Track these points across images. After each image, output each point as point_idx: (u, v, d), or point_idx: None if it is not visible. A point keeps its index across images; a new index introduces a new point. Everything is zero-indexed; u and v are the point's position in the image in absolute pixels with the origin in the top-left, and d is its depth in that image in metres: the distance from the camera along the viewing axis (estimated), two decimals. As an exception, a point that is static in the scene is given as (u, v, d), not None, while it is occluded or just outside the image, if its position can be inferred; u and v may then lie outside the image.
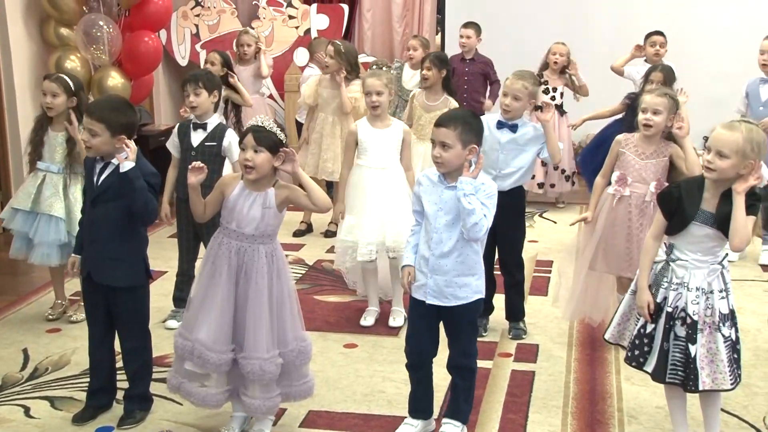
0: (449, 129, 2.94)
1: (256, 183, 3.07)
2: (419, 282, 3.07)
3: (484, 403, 3.49)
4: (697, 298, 2.85)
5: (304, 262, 5.45)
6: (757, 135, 2.77)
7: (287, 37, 8.01)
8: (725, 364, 2.83)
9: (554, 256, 5.50)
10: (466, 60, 6.80)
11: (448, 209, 2.99)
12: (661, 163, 3.76)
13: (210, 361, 3.03)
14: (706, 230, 2.86)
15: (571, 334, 4.24)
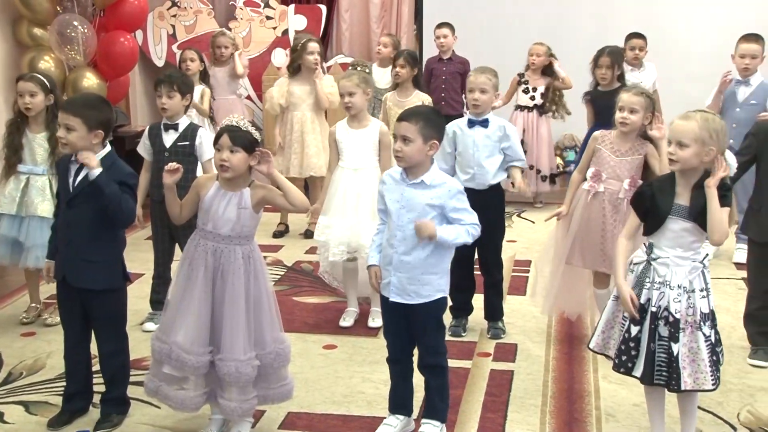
0: (410, 123, 2.96)
1: (231, 183, 3.06)
2: (385, 280, 3.09)
3: (464, 403, 3.50)
4: (678, 296, 2.87)
5: (282, 263, 5.44)
6: (713, 123, 2.84)
7: (265, 38, 7.98)
8: (706, 364, 2.85)
9: (533, 255, 5.52)
10: (443, 60, 6.82)
11: (411, 207, 3.00)
12: (636, 161, 3.80)
13: (188, 363, 3.01)
14: (682, 224, 2.88)
15: (549, 333, 4.26)
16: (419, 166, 3.01)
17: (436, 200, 2.99)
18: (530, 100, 6.70)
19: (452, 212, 3.01)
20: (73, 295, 3.23)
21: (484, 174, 4.03)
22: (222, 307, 3.04)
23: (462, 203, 3.03)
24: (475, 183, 4.01)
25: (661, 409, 3.08)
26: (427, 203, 2.99)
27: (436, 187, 3.01)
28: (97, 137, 3.14)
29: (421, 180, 3.01)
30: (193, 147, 4.16)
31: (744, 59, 5.16)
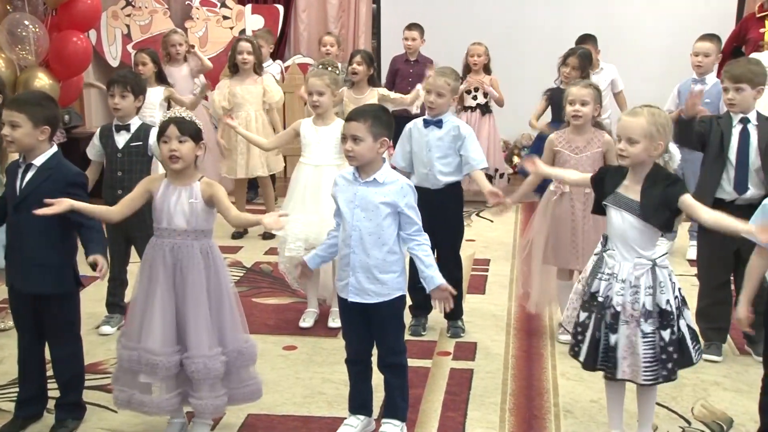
0: (359, 122, 2.97)
1: (180, 178, 3.04)
2: (342, 281, 3.08)
3: (424, 402, 3.51)
4: (622, 290, 2.92)
5: (242, 264, 5.40)
6: (659, 117, 2.90)
7: (222, 38, 7.91)
8: (641, 359, 2.89)
9: (492, 254, 5.57)
10: (410, 61, 6.85)
11: (365, 205, 3.00)
12: (596, 154, 3.90)
13: (159, 365, 2.98)
14: (627, 217, 2.92)
15: (508, 331, 4.29)
16: (371, 164, 3.01)
17: (389, 197, 3.00)
18: (473, 99, 6.74)
19: (406, 209, 3.02)
20: (24, 300, 3.16)
21: (437, 174, 4.05)
22: (184, 303, 3.01)
23: (414, 200, 3.04)
24: (429, 183, 4.03)
25: (620, 405, 3.12)
26: (381, 201, 3.00)
27: (389, 184, 3.01)
28: (44, 133, 3.09)
29: (373, 178, 3.01)
30: (147, 147, 4.11)
31: (697, 57, 5.28)
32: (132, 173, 4.01)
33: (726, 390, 3.62)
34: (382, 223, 3.01)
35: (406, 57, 6.88)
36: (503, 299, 4.74)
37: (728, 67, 3.85)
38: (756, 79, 3.74)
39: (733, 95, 3.75)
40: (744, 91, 3.73)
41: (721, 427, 3.32)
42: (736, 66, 3.82)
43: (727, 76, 3.78)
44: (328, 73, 4.30)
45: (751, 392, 3.53)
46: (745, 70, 3.75)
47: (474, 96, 6.73)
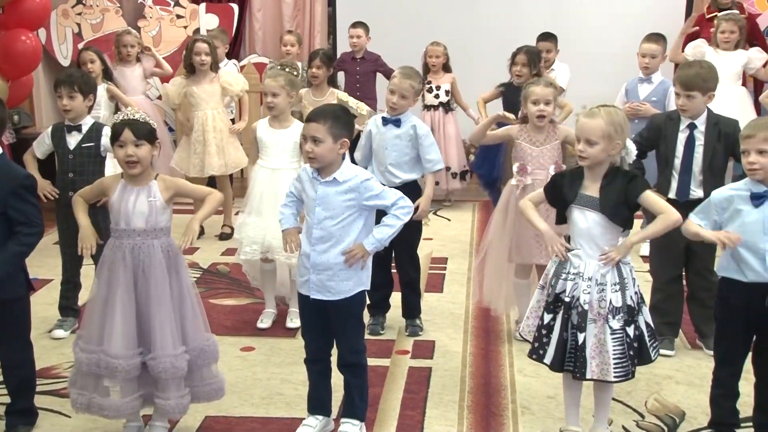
0: (319, 123, 2.96)
1: (137, 177, 3.01)
2: (303, 278, 3.07)
3: (383, 401, 3.52)
4: (588, 288, 2.94)
5: (198, 265, 5.35)
6: (616, 116, 2.94)
7: (176, 37, 7.83)
8: (610, 356, 2.92)
9: (449, 253, 5.60)
10: (357, 59, 6.85)
11: (327, 205, 3.00)
12: (555, 146, 3.96)
13: (118, 368, 2.94)
14: (591, 215, 2.96)
15: (466, 329, 4.32)
16: (331, 165, 3.01)
17: (350, 195, 3.00)
18: (435, 98, 6.78)
19: (370, 200, 3.02)
20: None
21: (393, 173, 4.07)
22: (148, 304, 2.98)
23: (375, 189, 3.03)
24: (386, 181, 4.04)
25: (578, 401, 3.16)
26: (343, 200, 3.00)
27: (348, 181, 3.01)
28: None
29: (333, 178, 3.01)
30: (99, 147, 4.05)
31: (644, 58, 5.39)
32: (84, 175, 3.95)
33: (678, 383, 3.69)
34: (344, 222, 3.01)
35: (352, 55, 6.89)
36: (461, 297, 4.77)
37: (680, 72, 3.89)
38: (706, 86, 3.80)
39: (684, 101, 3.80)
40: (695, 99, 3.78)
41: (673, 420, 3.38)
42: (687, 71, 3.85)
43: (678, 82, 3.82)
44: (284, 74, 4.28)
45: (702, 385, 3.60)
46: (696, 77, 3.79)
47: (436, 95, 6.75)
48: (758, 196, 2.87)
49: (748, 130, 2.91)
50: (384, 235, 3.05)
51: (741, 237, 2.88)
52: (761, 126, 2.88)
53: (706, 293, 3.93)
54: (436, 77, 6.75)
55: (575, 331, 2.96)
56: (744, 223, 2.90)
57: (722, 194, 2.98)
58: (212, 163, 5.77)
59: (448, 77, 6.76)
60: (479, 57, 7.06)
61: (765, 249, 2.86)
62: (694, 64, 4.10)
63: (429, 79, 6.71)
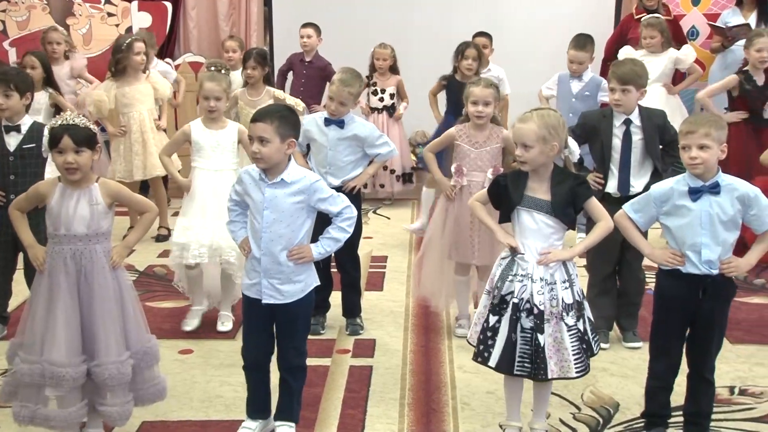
0: (266, 123, 2.93)
1: (77, 181, 2.94)
2: (253, 280, 3.04)
3: (324, 401, 3.51)
4: (541, 289, 2.97)
5: (134, 267, 5.25)
6: (549, 118, 2.99)
7: (107, 36, 7.63)
8: (569, 353, 2.96)
9: (389, 251, 5.62)
10: (305, 62, 6.82)
11: (275, 207, 2.97)
12: (495, 149, 4.00)
13: (65, 377, 2.86)
14: (538, 216, 3.00)
15: (406, 327, 4.34)
16: (278, 165, 2.98)
17: (300, 196, 2.98)
18: (379, 101, 6.79)
19: (319, 204, 3.02)
20: None
21: (336, 173, 4.07)
22: (91, 310, 2.92)
23: (325, 192, 3.03)
24: (328, 181, 4.03)
25: (519, 397, 3.18)
26: (292, 202, 2.97)
27: (297, 182, 2.99)
28: None
29: (281, 179, 2.98)
30: (41, 148, 3.92)
31: (572, 65, 5.58)
32: (25, 176, 3.80)
33: (613, 375, 3.78)
34: (294, 224, 2.99)
35: (302, 57, 6.86)
36: (401, 295, 4.79)
37: (615, 68, 3.98)
38: (640, 81, 3.90)
39: (620, 96, 3.88)
40: (630, 93, 3.87)
41: (608, 411, 3.46)
42: (622, 67, 3.95)
43: (614, 77, 3.90)
44: (223, 77, 4.24)
45: (635, 377, 3.70)
46: (631, 72, 3.89)
47: (381, 98, 6.76)
48: (696, 191, 2.94)
49: (689, 126, 2.96)
50: (331, 248, 3.08)
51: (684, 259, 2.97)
52: (701, 122, 2.95)
53: (634, 289, 4.04)
54: (382, 79, 6.76)
55: (531, 334, 2.96)
56: (682, 217, 2.98)
57: (662, 188, 3.04)
58: (155, 163, 5.65)
59: (393, 80, 6.78)
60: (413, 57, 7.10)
61: (701, 243, 2.94)
62: (627, 61, 4.20)
63: (375, 81, 6.72)
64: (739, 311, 4.45)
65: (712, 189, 2.93)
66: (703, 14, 7.29)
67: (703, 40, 7.20)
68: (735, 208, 2.93)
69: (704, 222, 2.93)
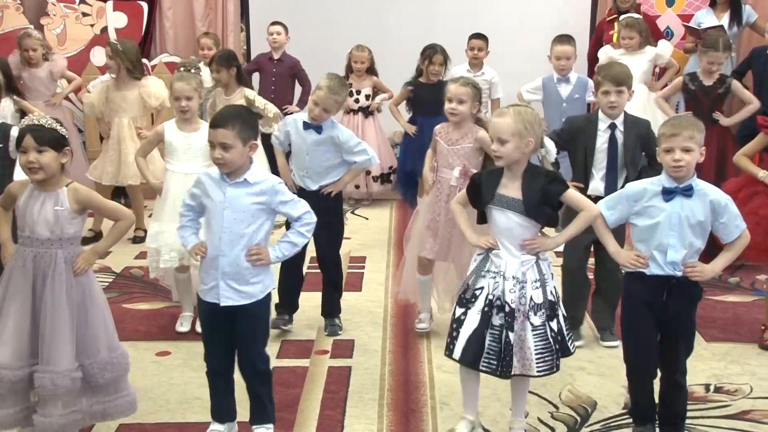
0: (227, 129, 2.89)
1: (45, 183, 2.91)
2: (210, 284, 3.01)
3: (302, 402, 3.50)
4: (513, 287, 2.98)
5: (111, 269, 5.20)
6: (526, 115, 3.00)
7: (82, 36, 7.57)
8: (532, 352, 2.96)
9: (367, 251, 5.62)
10: (274, 60, 6.79)
11: (235, 207, 2.95)
12: (467, 148, 3.97)
13: (4, 379, 2.83)
14: (511, 216, 3.00)
15: (385, 327, 4.34)
16: (241, 167, 2.96)
17: (261, 197, 2.96)
18: (355, 102, 6.78)
19: (280, 207, 3.00)
20: None
21: (314, 177, 4.06)
22: (45, 315, 2.87)
23: (286, 196, 3.01)
24: (304, 185, 4.06)
25: (476, 391, 3.17)
26: (253, 202, 2.95)
27: (259, 183, 2.97)
28: None
29: (244, 179, 2.96)
30: (8, 149, 3.88)
31: (560, 61, 5.51)
32: None
33: (590, 374, 3.80)
34: (254, 225, 2.97)
35: (269, 55, 6.84)
36: (380, 296, 4.79)
37: (605, 71, 3.95)
38: (630, 81, 3.93)
39: (616, 98, 3.88)
40: (624, 94, 3.88)
41: (586, 410, 3.48)
42: (612, 69, 3.96)
43: (607, 80, 3.88)
44: (193, 77, 4.21)
45: (612, 375, 3.73)
46: (623, 73, 3.91)
47: (356, 99, 6.76)
48: (669, 191, 2.96)
49: (672, 128, 2.95)
50: (289, 252, 3.05)
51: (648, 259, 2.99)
52: (685, 125, 2.96)
53: (609, 288, 4.06)
54: (358, 81, 6.75)
55: (500, 331, 2.97)
56: (651, 217, 2.99)
57: (636, 187, 3.06)
58: (128, 173, 5.59)
59: (369, 81, 6.77)
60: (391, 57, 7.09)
61: (668, 243, 2.96)
62: (614, 63, 4.23)
63: (350, 83, 6.72)
64: (714, 310, 4.50)
65: (685, 191, 2.95)
66: (678, 15, 7.36)
67: (677, 40, 7.27)
68: (705, 214, 2.96)
69: (673, 223, 2.95)
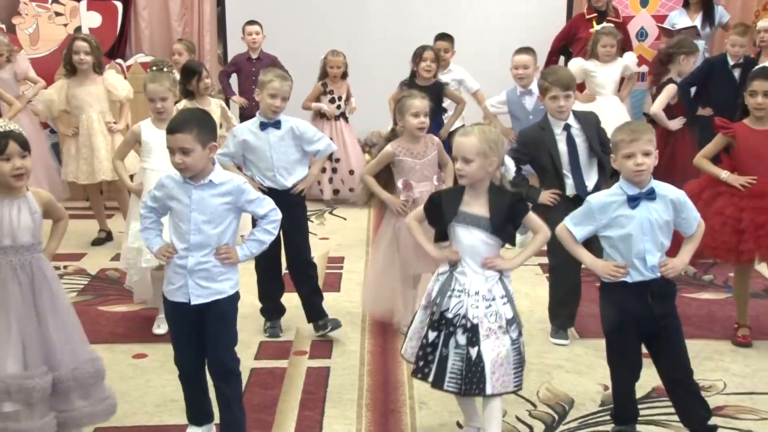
0: (185, 134, 2.87)
1: (13, 190, 2.86)
2: (178, 284, 2.99)
3: (281, 403, 3.50)
4: (476, 303, 2.95)
5: (86, 272, 5.16)
6: (490, 134, 3.00)
7: (55, 36, 7.50)
8: (512, 368, 2.96)
9: (346, 252, 5.61)
10: (252, 59, 6.78)
11: (203, 209, 2.94)
12: (434, 156, 4.05)
13: (35, 388, 2.80)
14: (475, 232, 2.99)
15: (363, 327, 4.34)
16: (203, 170, 2.94)
17: (228, 197, 2.95)
18: (337, 108, 6.78)
19: (246, 206, 3.00)
20: None
21: (285, 174, 4.04)
22: (47, 320, 2.87)
23: (252, 195, 3.01)
24: (276, 184, 4.02)
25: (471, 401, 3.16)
26: (220, 203, 2.94)
27: (224, 183, 2.96)
28: None
29: (209, 180, 2.94)
30: None
31: (518, 70, 5.53)
32: None
33: (568, 372, 3.83)
34: (222, 225, 2.96)
35: (248, 55, 6.82)
36: (358, 296, 4.77)
37: (554, 76, 4.00)
38: (575, 84, 4.01)
39: (564, 102, 3.94)
40: (571, 98, 3.96)
41: (563, 407, 3.50)
42: (558, 73, 4.01)
43: (556, 85, 3.93)
44: (166, 76, 4.17)
45: (589, 373, 3.76)
46: (569, 76, 3.98)
47: (338, 105, 6.75)
48: (634, 198, 2.98)
49: (631, 134, 2.96)
50: (256, 250, 3.06)
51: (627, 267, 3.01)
52: (642, 129, 2.99)
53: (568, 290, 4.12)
54: (337, 86, 6.75)
55: (465, 349, 2.93)
56: (622, 227, 3.00)
57: (600, 200, 3.06)
58: (102, 168, 5.57)
59: (345, 85, 6.78)
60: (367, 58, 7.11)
61: (644, 249, 2.98)
62: (558, 67, 4.28)
63: (331, 89, 6.71)
64: (688, 307, 4.55)
65: (649, 195, 2.98)
66: (652, 16, 7.44)
67: (651, 41, 7.35)
68: (669, 213, 2.99)
69: (645, 228, 2.97)
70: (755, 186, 3.89)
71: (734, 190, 3.93)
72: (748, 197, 3.90)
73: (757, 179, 3.90)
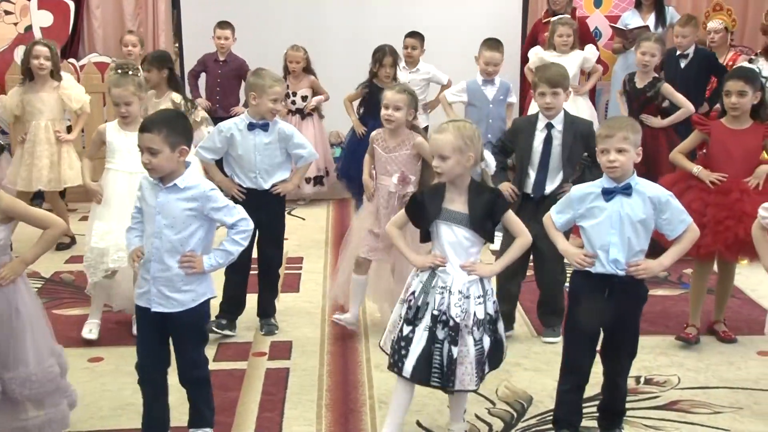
0: (153, 134, 2.84)
1: None
2: (143, 288, 2.96)
3: (240, 405, 3.47)
4: (459, 301, 2.98)
5: (40, 275, 5.06)
6: (465, 130, 3.02)
7: (5, 35, 7.33)
8: (473, 366, 2.99)
9: (304, 252, 5.59)
10: (219, 61, 6.73)
11: (166, 213, 2.90)
12: (406, 155, 4.00)
13: None
14: (457, 229, 3.01)
15: (323, 328, 4.33)
16: (173, 172, 2.90)
17: (192, 203, 2.90)
18: (292, 104, 6.75)
19: (213, 213, 2.94)
20: None
21: (265, 177, 4.04)
22: None
23: (219, 202, 2.94)
24: (256, 184, 4.03)
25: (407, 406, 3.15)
26: (184, 208, 2.89)
27: (191, 189, 2.90)
28: None
29: (174, 184, 2.90)
30: None
31: (488, 66, 5.56)
32: None
33: (526, 370, 3.86)
34: (184, 232, 2.91)
35: (216, 56, 6.77)
36: (317, 297, 4.77)
37: (541, 73, 4.04)
38: (566, 83, 4.01)
39: (551, 100, 3.96)
40: (559, 96, 3.97)
41: (522, 405, 3.53)
42: (549, 71, 4.03)
43: (543, 82, 3.96)
44: (130, 79, 4.09)
45: (548, 370, 3.79)
46: (558, 75, 3.99)
47: (293, 101, 6.72)
48: (609, 191, 3.02)
49: (607, 130, 3.01)
50: (224, 261, 2.99)
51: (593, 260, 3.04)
52: (619, 126, 3.02)
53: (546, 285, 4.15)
54: (295, 82, 6.71)
55: (443, 345, 2.96)
56: (595, 218, 3.05)
57: (581, 191, 3.11)
58: (41, 177, 5.44)
59: (306, 81, 6.74)
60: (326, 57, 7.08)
61: (610, 242, 3.02)
62: (550, 65, 4.29)
63: (288, 84, 6.68)
64: (643, 303, 4.61)
65: (624, 190, 3.01)
66: (605, 16, 7.55)
67: (605, 41, 7.45)
68: (646, 212, 3.01)
69: (614, 222, 3.01)
70: (723, 183, 3.97)
71: (704, 185, 4.01)
72: (714, 193, 3.98)
73: (727, 177, 3.97)
